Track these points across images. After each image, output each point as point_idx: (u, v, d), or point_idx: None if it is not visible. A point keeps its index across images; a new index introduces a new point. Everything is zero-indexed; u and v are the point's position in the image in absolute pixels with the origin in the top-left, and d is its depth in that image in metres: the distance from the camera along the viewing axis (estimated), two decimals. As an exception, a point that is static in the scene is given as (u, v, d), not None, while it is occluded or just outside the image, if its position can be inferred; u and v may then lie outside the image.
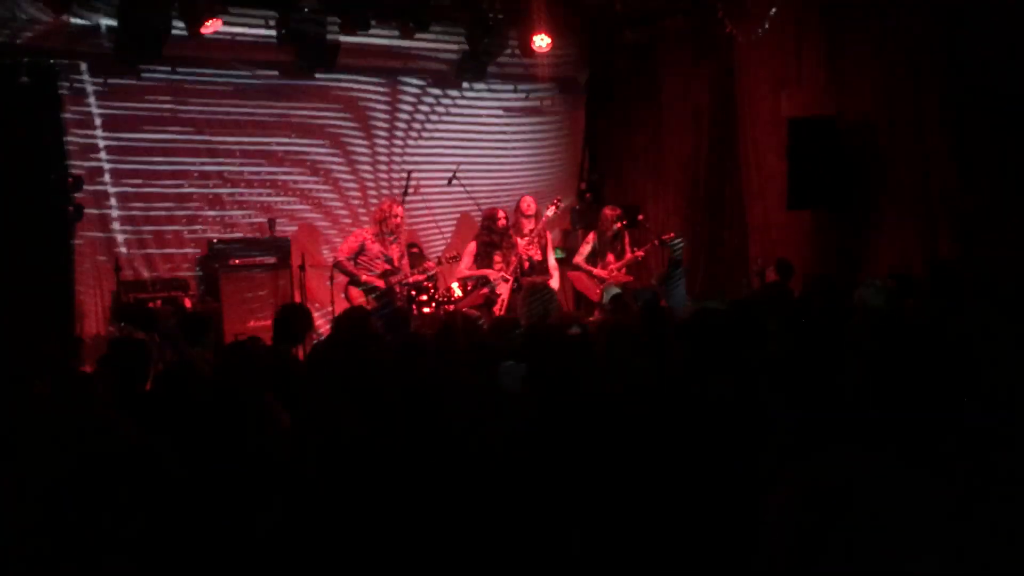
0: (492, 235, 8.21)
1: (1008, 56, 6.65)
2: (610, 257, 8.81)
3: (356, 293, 7.90)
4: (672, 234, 9.01)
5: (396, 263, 8.03)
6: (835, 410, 2.07)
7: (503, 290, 8.07)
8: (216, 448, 2.94)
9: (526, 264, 8.20)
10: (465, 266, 8.22)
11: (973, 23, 6.94)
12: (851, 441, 1.64)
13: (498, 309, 7.94)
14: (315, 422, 2.67)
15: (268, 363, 4.27)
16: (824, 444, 1.68)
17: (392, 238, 8.01)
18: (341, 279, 8.06)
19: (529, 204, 8.51)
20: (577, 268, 9.00)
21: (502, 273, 8.07)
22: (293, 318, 5.53)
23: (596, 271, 8.80)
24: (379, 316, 6.99)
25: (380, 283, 7.90)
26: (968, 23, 6.98)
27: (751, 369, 2.77)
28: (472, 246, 8.28)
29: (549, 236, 8.74)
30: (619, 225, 8.76)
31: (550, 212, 8.39)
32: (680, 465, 2.35)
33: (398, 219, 8.01)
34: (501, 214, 8.27)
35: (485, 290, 8.12)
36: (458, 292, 8.25)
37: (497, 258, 8.15)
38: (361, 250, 7.93)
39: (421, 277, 8.28)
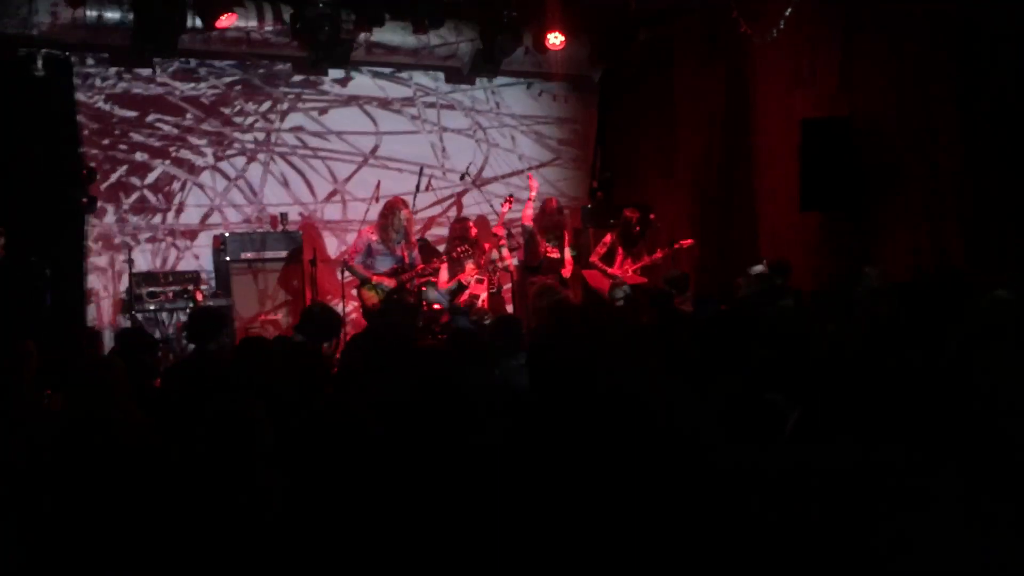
0: (464, 245, 8.36)
1: (1023, 59, 6.61)
2: (627, 259, 9.00)
3: (368, 295, 7.91)
4: (691, 240, 9.07)
5: (406, 261, 8.06)
6: (832, 406, 2.07)
7: (480, 290, 8.27)
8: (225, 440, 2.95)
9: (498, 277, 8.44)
10: (442, 279, 8.37)
11: (988, 26, 6.89)
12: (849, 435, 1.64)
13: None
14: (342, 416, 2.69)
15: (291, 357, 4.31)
16: (825, 438, 1.68)
17: (398, 237, 8.02)
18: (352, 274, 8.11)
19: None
20: (592, 266, 9.12)
21: (476, 275, 8.25)
22: (323, 318, 5.55)
23: (611, 270, 8.93)
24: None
25: (391, 281, 7.91)
26: (983, 26, 6.93)
27: (755, 367, 2.77)
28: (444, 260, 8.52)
29: (567, 233, 9.06)
30: (639, 229, 8.98)
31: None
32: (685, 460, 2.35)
33: (404, 219, 8.04)
34: (470, 225, 8.67)
35: (465, 295, 8.26)
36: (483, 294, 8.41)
37: (470, 266, 8.38)
38: (368, 251, 7.96)
39: (425, 267, 8.31)
